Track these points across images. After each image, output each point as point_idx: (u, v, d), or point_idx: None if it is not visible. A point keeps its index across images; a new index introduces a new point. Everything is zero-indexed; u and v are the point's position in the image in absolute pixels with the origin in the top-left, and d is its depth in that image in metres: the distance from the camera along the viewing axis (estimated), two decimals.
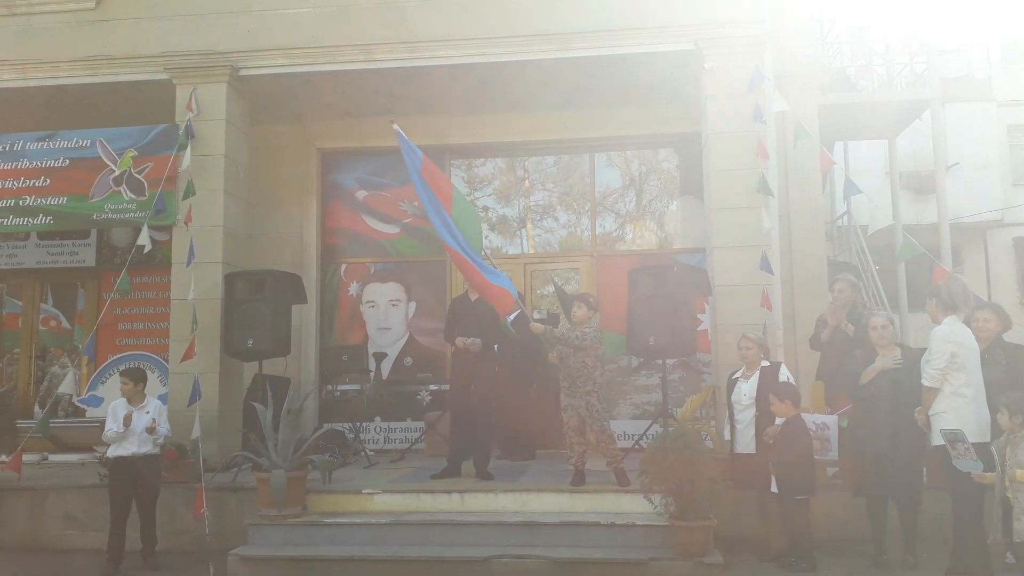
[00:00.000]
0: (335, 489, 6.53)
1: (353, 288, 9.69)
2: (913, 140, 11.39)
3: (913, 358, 5.41)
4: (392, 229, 9.74)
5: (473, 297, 7.03)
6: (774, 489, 5.58)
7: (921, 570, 5.38)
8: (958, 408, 5.02)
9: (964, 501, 5.00)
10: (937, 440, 5.04)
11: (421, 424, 8.86)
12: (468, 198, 8.52)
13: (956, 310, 5.20)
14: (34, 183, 8.00)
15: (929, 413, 5.14)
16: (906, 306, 9.43)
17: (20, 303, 10.06)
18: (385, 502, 6.39)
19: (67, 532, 6.99)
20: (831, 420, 5.99)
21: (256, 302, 7.48)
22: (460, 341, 6.82)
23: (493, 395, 7.06)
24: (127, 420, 6.07)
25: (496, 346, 7.88)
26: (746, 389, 5.98)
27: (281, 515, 6.14)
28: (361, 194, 9.84)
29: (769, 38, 7.52)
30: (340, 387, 9.36)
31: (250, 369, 7.88)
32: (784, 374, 5.93)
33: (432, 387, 8.81)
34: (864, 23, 10.21)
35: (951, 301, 5.21)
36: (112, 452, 6.12)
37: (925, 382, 5.11)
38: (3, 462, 6.92)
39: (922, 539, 5.55)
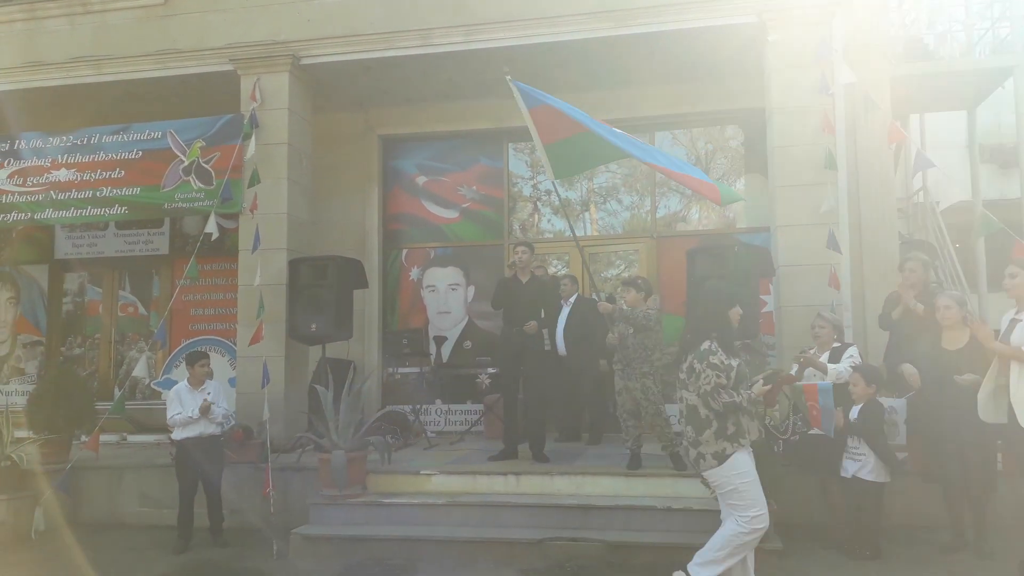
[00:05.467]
0: (394, 470, 6.62)
1: (414, 273, 9.79)
2: (996, 111, 10.77)
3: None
4: (451, 214, 9.79)
5: (524, 279, 7.01)
6: (846, 474, 5.40)
7: (994, 559, 5.13)
8: None
9: None
10: None
11: (480, 406, 8.91)
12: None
13: None
14: (110, 175, 8.32)
15: None
16: (986, 285, 8.94)
17: (100, 290, 10.52)
18: (442, 483, 6.45)
19: (142, 509, 7.33)
20: (899, 404, 5.76)
21: (319, 287, 7.63)
22: (529, 326, 6.82)
23: (544, 377, 7.05)
24: (205, 409, 6.26)
25: (562, 329, 7.90)
26: (815, 372, 5.79)
27: (342, 495, 6.27)
28: (421, 179, 9.91)
29: (837, 6, 7.21)
30: (401, 370, 9.49)
31: (315, 353, 8.06)
32: (854, 355, 5.74)
33: (491, 370, 8.82)
34: None
35: None
36: (178, 435, 6.33)
37: None
38: (83, 442, 7.25)
39: (998, 528, 5.30)
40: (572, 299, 8.07)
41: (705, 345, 4.39)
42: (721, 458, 4.29)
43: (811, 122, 7.06)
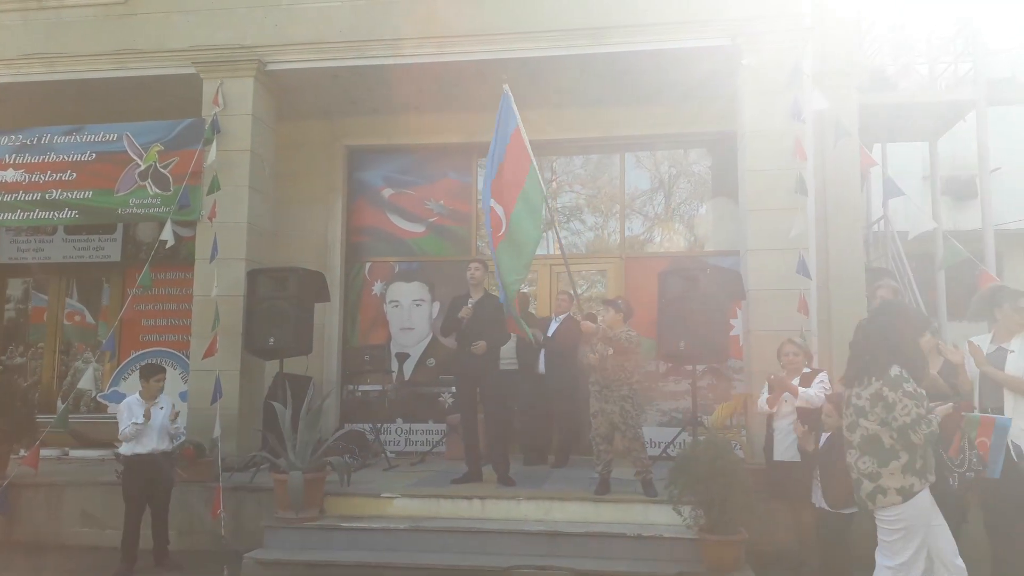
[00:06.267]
0: (353, 492, 6.39)
1: (377, 287, 9.57)
2: (952, 143, 11.01)
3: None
4: (417, 228, 9.60)
5: (476, 296, 6.89)
6: (819, 503, 5.31)
7: None
8: None
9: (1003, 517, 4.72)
10: None
11: (443, 426, 8.71)
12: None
13: None
14: (60, 176, 8.00)
15: None
16: (945, 315, 9.07)
17: (46, 297, 10.07)
18: (404, 507, 6.24)
19: (83, 529, 6.96)
20: None
21: (278, 300, 7.38)
22: (477, 347, 6.65)
23: (501, 397, 6.91)
24: (147, 414, 5.97)
25: (543, 349, 7.79)
26: (786, 395, 5.73)
27: (298, 518, 6.03)
28: (387, 192, 9.72)
29: (809, 34, 7.29)
30: (362, 387, 9.24)
31: (272, 367, 7.79)
32: (824, 380, 5.69)
33: (454, 389, 8.63)
34: (906, 21, 9.86)
35: None
36: (128, 450, 6.00)
37: None
38: (22, 457, 6.86)
39: (968, 559, 5.26)
40: (562, 317, 7.93)
41: (895, 371, 3.89)
42: (907, 494, 3.83)
43: (783, 146, 7.07)
